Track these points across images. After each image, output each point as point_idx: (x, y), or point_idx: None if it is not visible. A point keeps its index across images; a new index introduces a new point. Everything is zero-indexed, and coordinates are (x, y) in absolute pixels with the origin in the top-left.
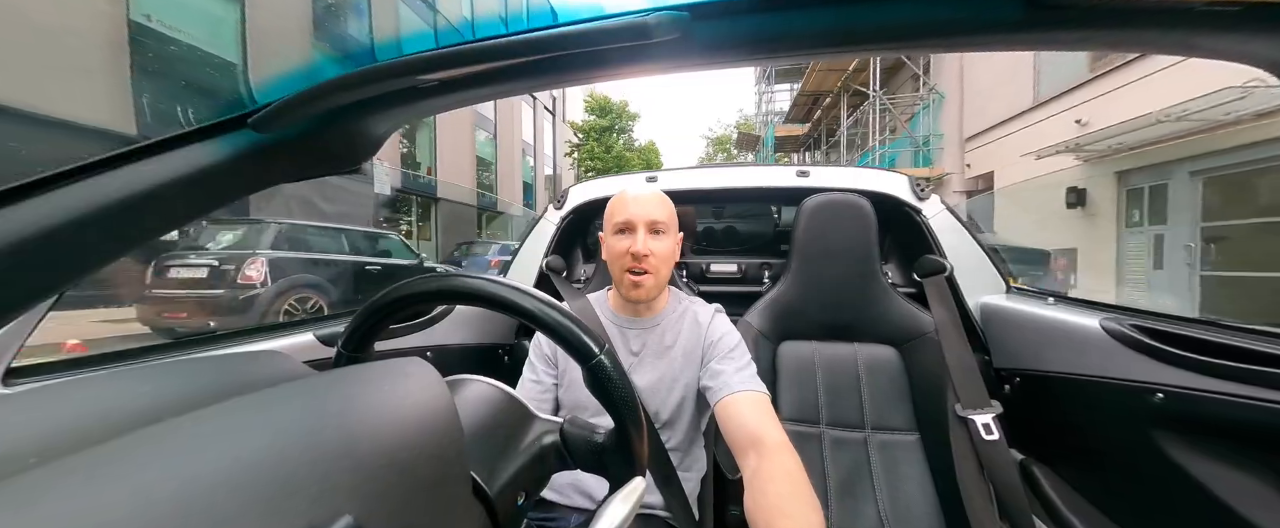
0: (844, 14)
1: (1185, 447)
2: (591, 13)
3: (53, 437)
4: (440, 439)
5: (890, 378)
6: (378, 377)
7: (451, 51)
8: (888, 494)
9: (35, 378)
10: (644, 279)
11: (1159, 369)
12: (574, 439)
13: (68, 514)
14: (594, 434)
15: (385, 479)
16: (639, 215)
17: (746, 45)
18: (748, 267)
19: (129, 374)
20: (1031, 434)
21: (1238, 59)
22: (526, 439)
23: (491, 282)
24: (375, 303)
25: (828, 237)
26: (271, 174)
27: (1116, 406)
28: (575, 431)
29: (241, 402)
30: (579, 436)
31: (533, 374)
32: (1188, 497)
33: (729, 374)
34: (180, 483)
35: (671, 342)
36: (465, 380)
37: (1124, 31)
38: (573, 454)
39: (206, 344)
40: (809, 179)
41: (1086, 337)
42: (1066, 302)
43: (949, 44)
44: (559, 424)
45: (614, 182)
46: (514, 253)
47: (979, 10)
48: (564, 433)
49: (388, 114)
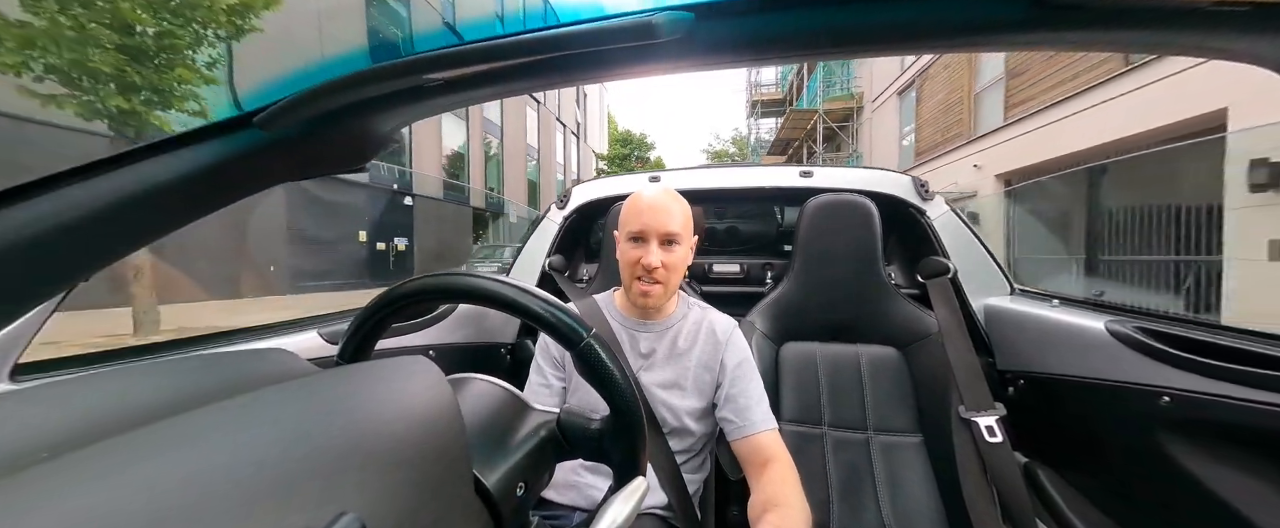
0: (847, 15)
1: (1192, 451)
2: (595, 12)
3: (60, 432)
4: (443, 437)
5: (893, 380)
6: (382, 375)
7: (456, 51)
8: (890, 496)
9: (42, 374)
10: (653, 289)
11: (1165, 372)
12: (571, 428)
13: (76, 509)
14: (590, 421)
15: (389, 476)
16: (652, 226)
17: (750, 45)
18: (750, 267)
19: (136, 371)
20: (1035, 437)
21: (1242, 59)
22: (523, 432)
23: (472, 277)
24: (365, 311)
25: (831, 237)
26: (276, 172)
27: (1122, 409)
28: (571, 419)
29: (247, 399)
30: (576, 423)
31: (541, 378)
32: (1194, 502)
33: (750, 409)
34: (187, 479)
35: (686, 347)
36: (466, 379)
37: (1126, 32)
38: (571, 443)
39: (213, 341)
40: (812, 180)
41: (1091, 339)
42: (1071, 304)
43: (951, 44)
44: (555, 414)
45: (615, 182)
46: (516, 252)
47: (981, 10)
48: (561, 422)
49: (393, 113)
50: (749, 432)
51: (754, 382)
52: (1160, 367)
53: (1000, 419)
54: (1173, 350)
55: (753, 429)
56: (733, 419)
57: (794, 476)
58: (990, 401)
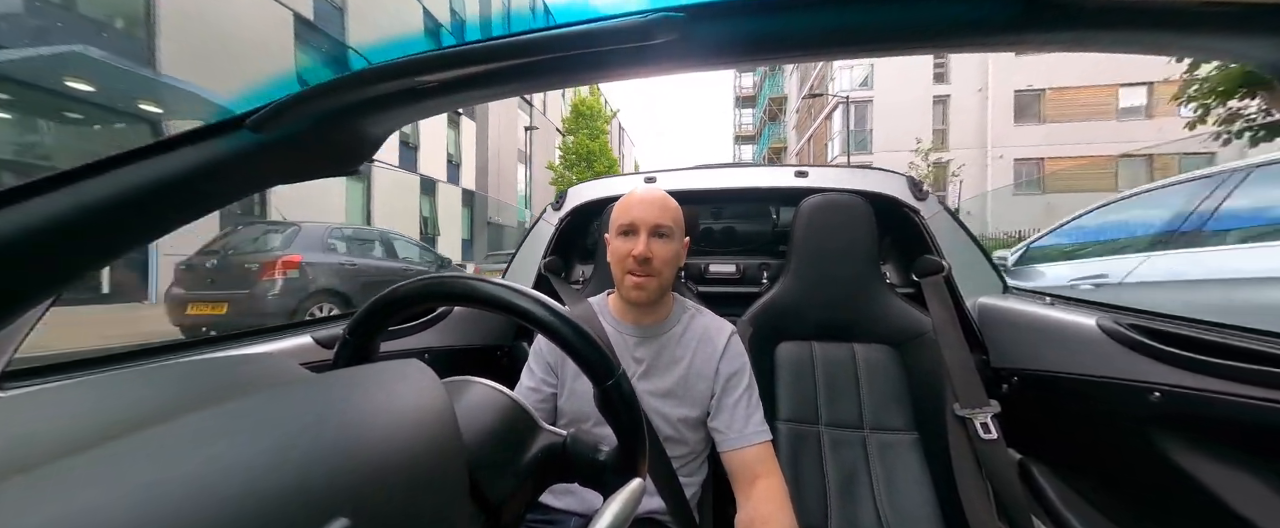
0: (841, 16)
1: (1182, 446)
2: (589, 14)
3: (45, 441)
4: (437, 442)
5: (888, 378)
6: (374, 379)
7: (450, 53)
8: (886, 494)
9: (32, 381)
10: (645, 282)
11: (1156, 368)
12: (578, 454)
13: (58, 519)
14: (598, 452)
15: (381, 482)
16: (642, 218)
17: (744, 47)
18: (746, 267)
19: (124, 377)
20: (1029, 434)
21: (1238, 59)
22: (532, 449)
23: (514, 290)
24: (384, 298)
25: (826, 237)
26: (269, 175)
27: (1113, 405)
28: (580, 446)
29: (237, 405)
30: (583, 452)
31: (532, 381)
32: (1185, 496)
33: (742, 422)
34: (175, 486)
35: (682, 355)
36: (468, 383)
37: (1124, 32)
38: (575, 468)
39: (203, 347)
40: (807, 180)
41: (1083, 336)
42: (1064, 301)
43: (947, 45)
44: (564, 437)
45: (613, 182)
46: (511, 254)
47: (978, 11)
48: (568, 446)
49: (386, 115)
50: (739, 445)
51: (748, 392)
52: (1151, 363)
53: (994, 416)
54: (1163, 347)
55: (743, 442)
56: (723, 430)
57: (783, 492)
58: (984, 398)
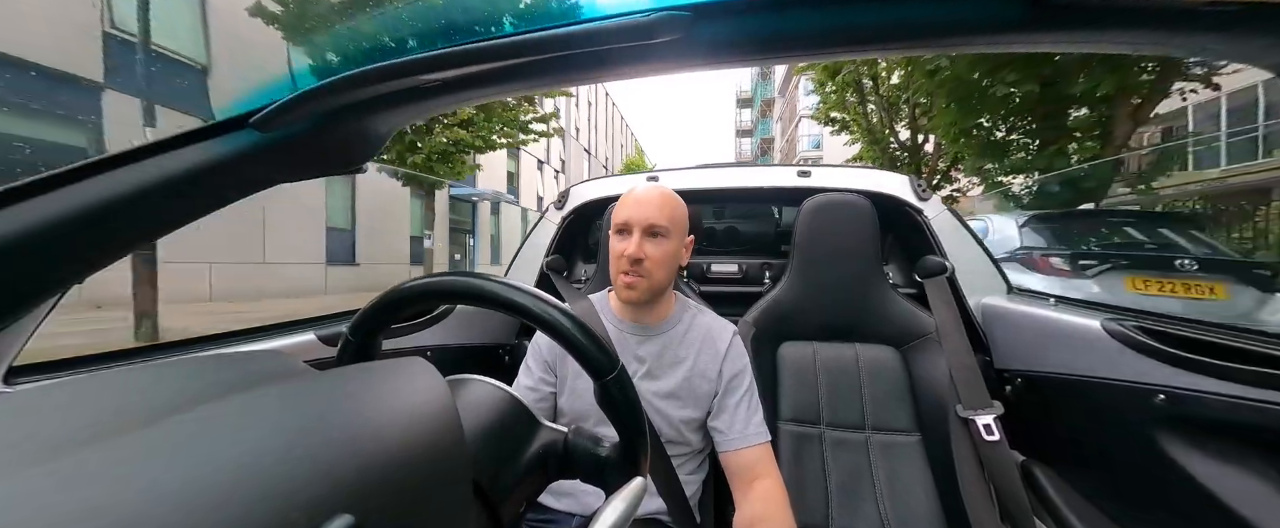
0: (845, 14)
1: (1188, 449)
2: (593, 13)
3: (52, 437)
4: (441, 440)
5: (891, 379)
6: (378, 376)
7: (454, 52)
8: (888, 495)
9: (36, 377)
10: (636, 282)
11: (1161, 371)
12: (578, 450)
13: (66, 514)
14: (598, 447)
15: (385, 479)
16: (637, 218)
17: (748, 45)
18: (748, 267)
19: (130, 373)
20: (1033, 435)
21: (1239, 59)
22: (532, 446)
23: (510, 286)
24: (385, 296)
25: (829, 237)
26: (273, 174)
27: (1118, 407)
28: (580, 441)
29: (241, 401)
30: (584, 447)
31: (529, 379)
32: (1190, 499)
33: (742, 423)
34: (178, 483)
35: (684, 355)
36: (469, 380)
37: (1125, 32)
38: (576, 464)
39: (207, 343)
40: (810, 179)
41: (1088, 337)
42: (1068, 303)
43: (950, 44)
44: (564, 433)
45: (614, 182)
46: (515, 252)
47: (979, 10)
48: (568, 443)
49: (390, 114)
50: (739, 446)
51: (749, 393)
52: (1155, 365)
53: (997, 418)
54: (1168, 349)
55: (743, 443)
56: (723, 431)
57: (782, 494)
58: (987, 399)
